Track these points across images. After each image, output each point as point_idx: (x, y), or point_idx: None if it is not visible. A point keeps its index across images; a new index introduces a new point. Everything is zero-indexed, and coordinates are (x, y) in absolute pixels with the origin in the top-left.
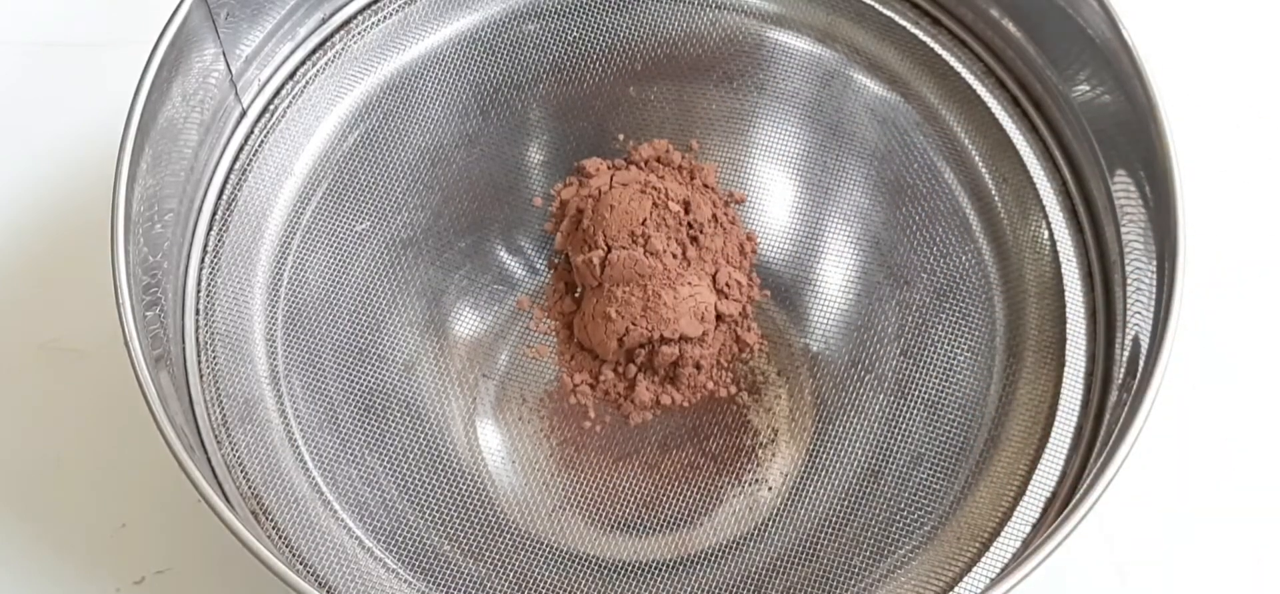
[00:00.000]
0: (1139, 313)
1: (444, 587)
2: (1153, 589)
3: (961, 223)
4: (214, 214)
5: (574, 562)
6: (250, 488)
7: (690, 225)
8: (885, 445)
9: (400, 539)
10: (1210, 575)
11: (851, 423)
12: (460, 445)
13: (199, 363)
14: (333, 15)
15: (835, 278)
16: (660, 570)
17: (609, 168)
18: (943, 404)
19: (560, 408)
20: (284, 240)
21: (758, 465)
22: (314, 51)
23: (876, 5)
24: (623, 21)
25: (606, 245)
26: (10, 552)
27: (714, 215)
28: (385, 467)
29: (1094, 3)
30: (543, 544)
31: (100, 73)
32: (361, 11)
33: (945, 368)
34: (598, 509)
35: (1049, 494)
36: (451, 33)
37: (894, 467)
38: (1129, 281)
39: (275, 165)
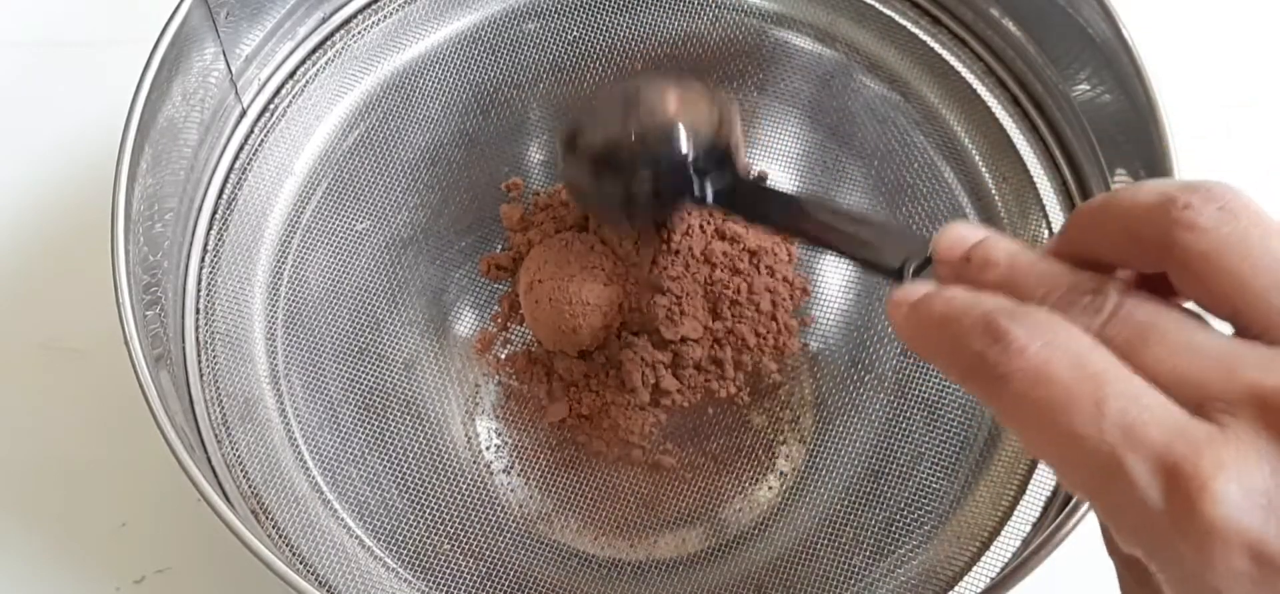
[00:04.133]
0: None
1: (444, 587)
2: None
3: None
4: (214, 213)
5: (574, 561)
6: (250, 487)
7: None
8: (885, 445)
9: (400, 539)
10: None
11: (851, 423)
12: (460, 445)
13: (199, 362)
14: (333, 15)
15: (835, 278)
16: (660, 570)
17: None
18: (943, 404)
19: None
20: (284, 240)
21: (757, 465)
22: (314, 51)
23: (877, 5)
24: (623, 21)
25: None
26: (10, 551)
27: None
28: (385, 466)
29: (1094, 2)
30: (543, 544)
31: (100, 73)
32: (361, 11)
33: None
34: (598, 509)
35: (1049, 494)
36: (451, 32)
37: (894, 466)
38: None
39: (275, 165)
